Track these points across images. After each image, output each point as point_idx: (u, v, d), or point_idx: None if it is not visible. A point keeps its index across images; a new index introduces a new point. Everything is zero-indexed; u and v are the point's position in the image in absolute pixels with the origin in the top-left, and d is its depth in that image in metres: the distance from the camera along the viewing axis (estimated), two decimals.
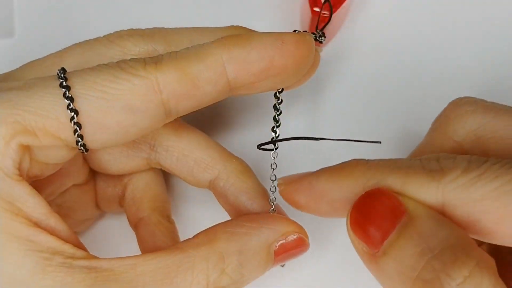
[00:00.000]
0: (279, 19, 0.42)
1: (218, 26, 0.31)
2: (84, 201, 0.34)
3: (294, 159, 0.37)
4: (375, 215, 0.25)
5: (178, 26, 0.31)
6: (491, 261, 0.23)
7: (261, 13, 0.42)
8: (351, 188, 0.27)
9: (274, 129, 0.30)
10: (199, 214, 0.38)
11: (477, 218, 0.24)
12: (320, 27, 0.34)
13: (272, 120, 0.30)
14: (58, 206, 0.33)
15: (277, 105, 0.30)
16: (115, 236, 0.37)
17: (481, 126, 0.28)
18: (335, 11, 0.37)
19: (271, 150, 0.30)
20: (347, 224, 0.26)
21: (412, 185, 0.25)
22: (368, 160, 0.27)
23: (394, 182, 0.26)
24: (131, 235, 0.34)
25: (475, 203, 0.24)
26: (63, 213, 0.31)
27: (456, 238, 0.23)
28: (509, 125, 0.28)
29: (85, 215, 0.36)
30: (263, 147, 0.29)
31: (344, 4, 0.38)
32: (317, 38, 0.31)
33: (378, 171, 0.26)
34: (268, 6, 0.42)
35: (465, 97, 0.30)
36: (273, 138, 0.30)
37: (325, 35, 0.31)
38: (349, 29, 0.41)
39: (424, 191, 0.25)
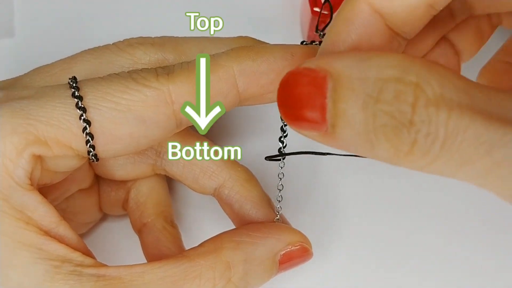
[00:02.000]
0: (279, 19, 0.42)
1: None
2: (87, 204, 0.34)
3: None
4: (302, 99, 0.23)
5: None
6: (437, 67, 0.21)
7: (261, 13, 0.42)
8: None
9: (282, 139, 0.30)
10: (200, 218, 0.38)
11: None
12: (320, 27, 0.34)
13: (277, 130, 0.30)
14: (62, 211, 0.33)
15: None
16: (117, 238, 0.37)
17: None
18: (335, 11, 0.37)
19: (279, 160, 0.30)
20: (284, 121, 0.25)
21: None
22: None
23: None
24: (133, 237, 0.34)
25: None
26: (66, 217, 0.31)
27: (385, 70, 0.21)
28: None
29: (88, 218, 0.36)
30: (271, 158, 0.30)
31: None
32: None
33: None
34: (268, 6, 0.42)
35: None
36: (280, 148, 0.30)
37: None
38: None
39: None
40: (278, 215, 0.32)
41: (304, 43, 0.29)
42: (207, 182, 0.32)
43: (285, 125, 0.30)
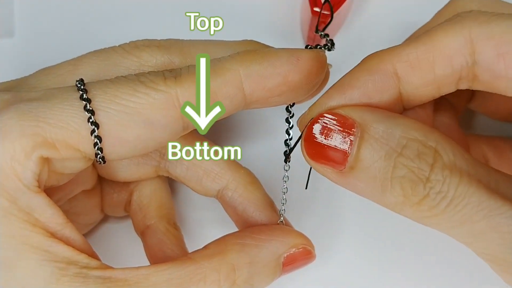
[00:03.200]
0: (279, 19, 0.42)
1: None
2: (90, 206, 0.35)
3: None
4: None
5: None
6: (449, 139, 0.26)
7: (261, 13, 0.42)
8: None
9: (287, 141, 0.30)
10: (203, 220, 0.38)
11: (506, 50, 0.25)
12: (320, 27, 0.34)
13: (280, 132, 0.30)
14: (65, 212, 0.32)
15: (289, 118, 0.30)
16: (118, 240, 0.37)
17: None
18: (335, 11, 0.37)
19: (287, 159, 0.31)
20: (304, 156, 0.27)
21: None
22: None
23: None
24: (134, 239, 0.35)
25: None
26: (69, 218, 0.31)
27: (410, 131, 0.25)
28: None
29: (90, 219, 0.36)
30: (287, 157, 0.30)
31: (344, 4, 0.38)
32: (330, 48, 0.30)
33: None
34: (268, 6, 0.42)
35: None
36: (285, 151, 0.30)
37: (334, 43, 0.31)
38: (349, 30, 0.41)
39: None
40: (282, 218, 0.32)
41: (309, 47, 0.29)
42: (210, 184, 0.33)
43: (290, 128, 0.30)
